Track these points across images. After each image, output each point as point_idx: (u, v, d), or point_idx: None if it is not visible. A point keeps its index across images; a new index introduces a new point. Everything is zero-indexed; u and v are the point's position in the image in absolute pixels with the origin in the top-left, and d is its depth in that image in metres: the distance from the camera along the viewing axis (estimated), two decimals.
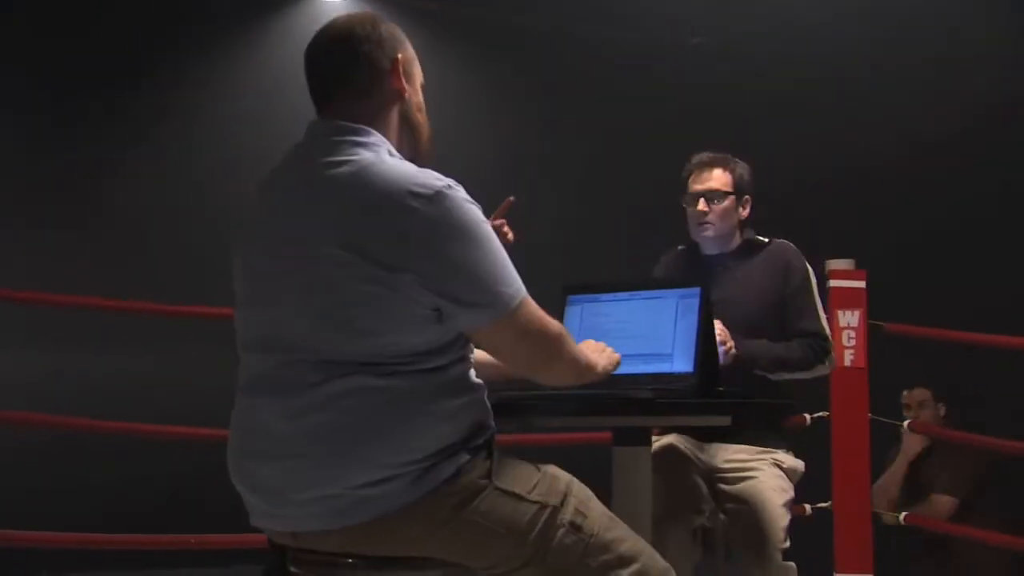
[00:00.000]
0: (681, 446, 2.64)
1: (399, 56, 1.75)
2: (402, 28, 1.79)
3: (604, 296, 2.34)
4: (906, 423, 4.06)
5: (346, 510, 1.57)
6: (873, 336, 3.90)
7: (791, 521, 2.66)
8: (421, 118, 1.79)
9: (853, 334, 3.86)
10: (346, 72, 1.72)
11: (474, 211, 1.63)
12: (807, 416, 3.97)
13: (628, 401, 1.97)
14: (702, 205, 2.71)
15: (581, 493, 1.73)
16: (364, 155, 1.65)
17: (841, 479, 3.88)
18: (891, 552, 4.12)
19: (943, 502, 4.23)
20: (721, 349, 2.37)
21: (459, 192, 1.63)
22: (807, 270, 2.72)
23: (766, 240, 2.78)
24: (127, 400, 4.11)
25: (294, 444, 1.59)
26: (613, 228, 4.67)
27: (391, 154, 1.68)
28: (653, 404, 1.97)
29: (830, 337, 2.69)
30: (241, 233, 1.75)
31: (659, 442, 2.59)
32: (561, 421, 2.41)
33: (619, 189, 4.49)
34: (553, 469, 1.75)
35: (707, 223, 2.71)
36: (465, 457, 1.62)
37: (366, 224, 1.58)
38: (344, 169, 1.62)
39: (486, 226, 1.64)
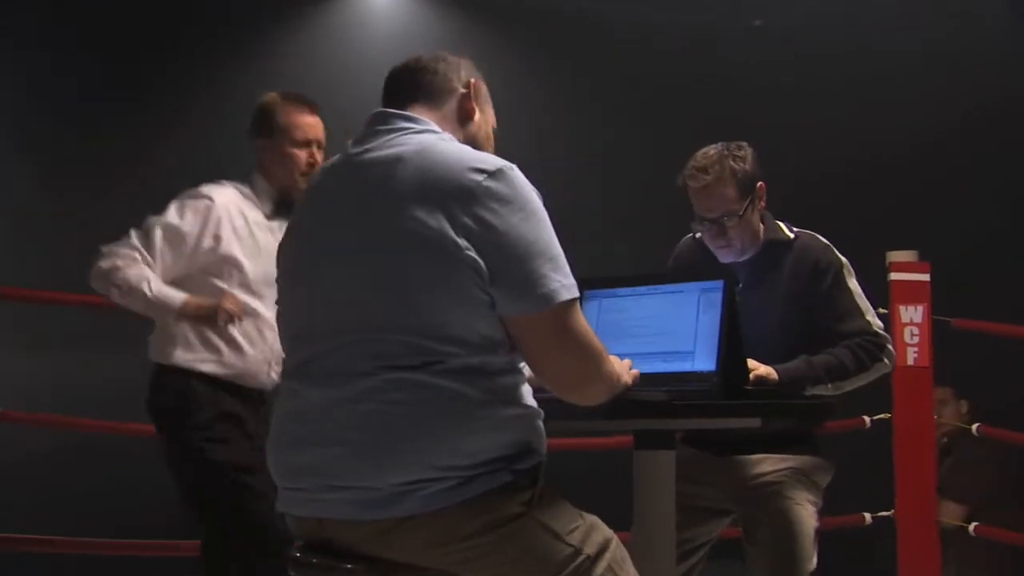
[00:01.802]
0: (685, 462, 2.50)
1: (473, 81, 1.83)
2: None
3: (622, 290, 2.25)
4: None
5: (382, 503, 1.57)
6: (938, 333, 3.76)
7: (831, 533, 2.53)
8: (487, 148, 1.81)
9: (916, 331, 3.75)
10: (420, 82, 1.79)
11: (534, 194, 1.64)
12: (866, 418, 3.85)
13: (640, 404, 1.88)
14: (716, 233, 2.47)
15: (618, 552, 1.70)
16: (425, 136, 1.69)
17: (905, 486, 3.77)
18: None
19: (950, 510, 3.98)
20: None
21: (520, 173, 1.65)
22: (840, 264, 2.47)
23: (792, 235, 2.53)
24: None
25: (339, 431, 1.59)
26: (637, 219, 4.56)
27: (452, 140, 1.72)
28: (668, 406, 1.88)
29: (882, 330, 2.47)
30: (292, 222, 1.77)
31: None
32: (579, 425, 2.33)
33: (645, 178, 4.36)
34: (596, 520, 1.71)
35: (728, 247, 2.48)
36: (508, 478, 1.59)
37: (425, 199, 1.59)
38: (403, 148, 1.65)
39: (544, 212, 1.64)
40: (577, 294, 1.63)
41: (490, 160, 1.64)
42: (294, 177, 2.73)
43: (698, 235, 2.61)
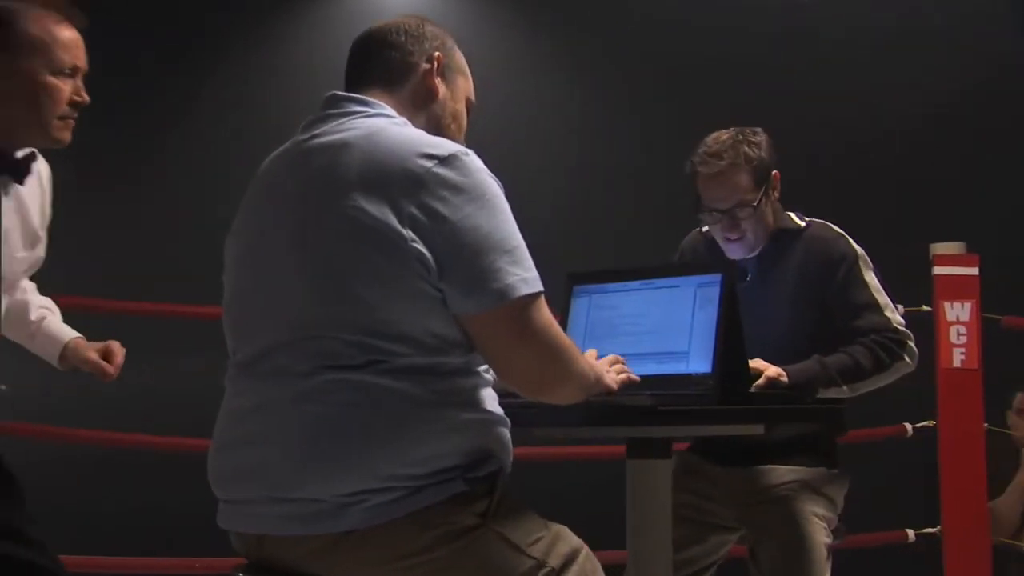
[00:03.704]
0: (691, 472, 2.45)
1: (438, 55, 1.77)
2: None
3: (613, 286, 2.18)
4: None
5: (323, 516, 1.53)
6: (988, 332, 3.66)
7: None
8: (454, 128, 1.78)
9: (964, 329, 3.66)
10: (378, 59, 1.75)
11: (492, 182, 1.60)
12: (908, 426, 3.75)
13: (623, 409, 1.81)
14: (727, 225, 2.39)
15: (588, 564, 1.65)
16: (375, 121, 1.65)
17: (952, 500, 3.66)
18: None
19: None
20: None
21: (477, 160, 1.59)
22: (854, 256, 2.39)
23: (802, 224, 2.45)
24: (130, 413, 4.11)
25: (278, 437, 1.56)
26: (648, 211, 4.47)
27: (406, 124, 1.68)
28: (654, 412, 1.82)
29: (903, 326, 2.39)
30: (239, 211, 1.75)
31: None
32: (565, 432, 2.27)
33: (657, 166, 4.27)
34: (563, 530, 1.67)
35: (739, 241, 2.40)
36: (461, 487, 1.55)
37: (370, 187, 1.55)
38: (351, 133, 1.62)
39: (504, 201, 1.59)
40: (539, 288, 1.58)
41: (442, 145, 1.59)
42: (49, 121, 1.96)
43: (705, 228, 2.55)
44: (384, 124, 1.64)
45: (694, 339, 2.04)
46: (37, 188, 2.16)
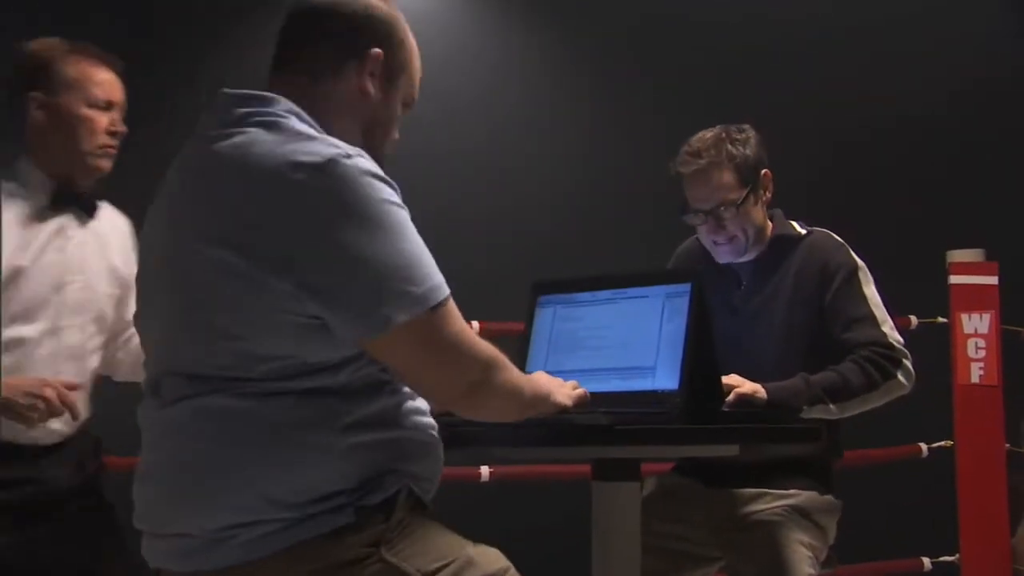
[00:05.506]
0: (672, 495, 2.40)
1: (377, 52, 1.63)
2: None
3: (580, 296, 2.13)
4: None
5: (199, 552, 1.50)
6: (1008, 345, 3.62)
7: None
8: (379, 134, 1.67)
9: (982, 343, 3.63)
10: (299, 43, 1.65)
11: (376, 187, 1.47)
12: (923, 446, 3.70)
13: (576, 429, 1.77)
14: (712, 227, 2.38)
15: None
16: (253, 130, 1.54)
17: (970, 526, 3.62)
18: None
19: None
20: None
21: (358, 163, 1.47)
22: (853, 266, 2.36)
23: (803, 232, 2.44)
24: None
25: (153, 472, 1.56)
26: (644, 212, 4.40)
27: (291, 125, 1.55)
28: (608, 432, 1.77)
29: (900, 344, 2.34)
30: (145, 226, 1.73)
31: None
32: (522, 452, 2.23)
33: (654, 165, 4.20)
34: (483, 553, 1.58)
35: (727, 244, 2.40)
36: (350, 518, 1.48)
37: (236, 212, 1.48)
38: (223, 145, 1.54)
39: (390, 207, 1.47)
40: (442, 294, 1.49)
41: (317, 149, 1.47)
42: (88, 149, 2.28)
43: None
44: (257, 135, 1.52)
45: (661, 353, 1.98)
46: (118, 234, 2.43)
